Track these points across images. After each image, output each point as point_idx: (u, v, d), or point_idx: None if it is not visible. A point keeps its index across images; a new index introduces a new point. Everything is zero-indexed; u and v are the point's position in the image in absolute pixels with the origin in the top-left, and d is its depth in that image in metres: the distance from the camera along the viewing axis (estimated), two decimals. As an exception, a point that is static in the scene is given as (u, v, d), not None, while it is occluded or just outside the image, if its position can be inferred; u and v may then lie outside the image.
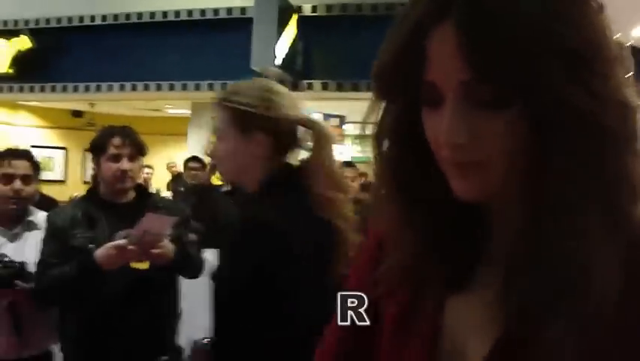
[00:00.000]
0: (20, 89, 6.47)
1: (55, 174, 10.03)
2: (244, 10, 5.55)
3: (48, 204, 3.15)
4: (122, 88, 6.10)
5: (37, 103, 9.00)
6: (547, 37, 0.51)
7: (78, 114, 10.24)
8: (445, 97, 0.56)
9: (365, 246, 0.77)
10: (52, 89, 6.34)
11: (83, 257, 1.99)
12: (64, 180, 10.21)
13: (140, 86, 6.00)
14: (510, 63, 0.51)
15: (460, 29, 0.52)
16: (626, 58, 0.56)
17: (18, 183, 2.26)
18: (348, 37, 5.31)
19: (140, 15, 6.00)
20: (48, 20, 6.28)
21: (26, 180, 2.29)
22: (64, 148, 10.44)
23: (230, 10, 5.72)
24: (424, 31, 0.54)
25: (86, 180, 9.46)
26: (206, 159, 4.65)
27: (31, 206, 2.40)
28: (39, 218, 2.34)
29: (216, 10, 5.76)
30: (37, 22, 6.31)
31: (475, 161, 0.56)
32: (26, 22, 6.32)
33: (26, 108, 9.69)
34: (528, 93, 0.52)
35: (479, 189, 0.58)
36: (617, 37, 0.56)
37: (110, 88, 6.15)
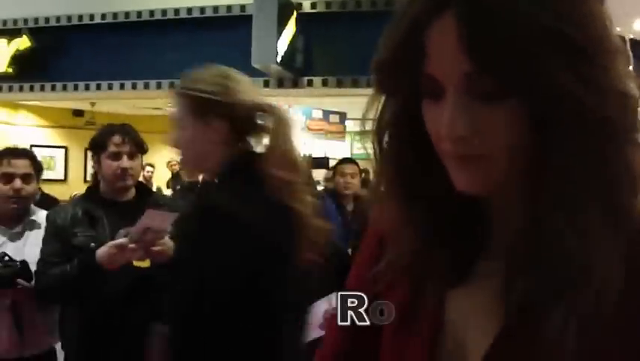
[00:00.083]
0: (20, 89, 6.46)
1: (56, 174, 10.04)
2: (244, 8, 5.53)
3: (49, 203, 3.16)
4: (122, 87, 6.08)
5: (37, 102, 8.98)
6: (548, 28, 0.51)
7: (79, 113, 10.24)
8: (446, 90, 0.55)
9: (365, 244, 0.77)
10: (52, 89, 6.32)
11: (84, 256, 1.98)
12: (65, 180, 10.22)
13: (141, 84, 5.98)
14: (511, 54, 0.51)
15: (461, 21, 0.52)
16: (627, 50, 0.56)
17: (18, 183, 2.26)
18: (348, 34, 5.29)
19: (140, 13, 5.98)
20: (47, 19, 6.26)
21: (26, 179, 2.29)
22: (64, 147, 10.44)
23: (230, 8, 5.70)
24: (424, 24, 0.54)
25: (87, 179, 9.47)
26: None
27: (33, 205, 2.40)
28: (40, 217, 2.34)
29: (216, 8, 5.74)
30: (37, 21, 6.29)
31: (477, 154, 0.56)
32: (25, 21, 6.30)
33: (26, 108, 9.70)
34: (529, 84, 0.52)
35: (480, 183, 0.58)
36: (618, 30, 0.56)
37: (110, 87, 6.13)
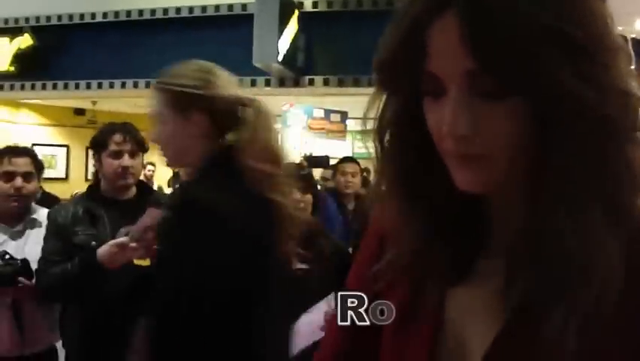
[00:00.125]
0: (22, 87, 6.47)
1: (58, 172, 10.04)
2: (245, 7, 5.53)
3: (50, 202, 3.15)
4: (124, 85, 6.09)
5: (38, 101, 8.98)
6: (549, 27, 0.51)
7: (80, 112, 10.23)
8: (447, 88, 0.55)
9: (366, 243, 0.76)
10: (54, 87, 6.33)
11: (84, 255, 1.98)
12: (66, 178, 10.22)
13: (142, 83, 5.98)
14: (512, 53, 0.50)
15: (463, 20, 0.52)
16: (629, 49, 0.56)
17: (19, 181, 2.26)
18: (349, 33, 5.29)
19: (141, 12, 5.99)
20: (49, 18, 6.27)
21: (27, 177, 2.29)
22: (66, 146, 10.44)
23: (232, 7, 5.70)
24: (425, 23, 0.54)
25: (89, 177, 9.47)
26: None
27: (34, 203, 2.40)
28: (41, 215, 2.33)
29: (217, 7, 5.75)
30: (38, 19, 6.30)
31: (478, 153, 0.56)
32: (27, 19, 6.31)
33: (28, 106, 9.69)
34: (529, 83, 0.52)
35: (481, 182, 0.58)
36: (619, 29, 0.55)
37: (112, 85, 6.14)
